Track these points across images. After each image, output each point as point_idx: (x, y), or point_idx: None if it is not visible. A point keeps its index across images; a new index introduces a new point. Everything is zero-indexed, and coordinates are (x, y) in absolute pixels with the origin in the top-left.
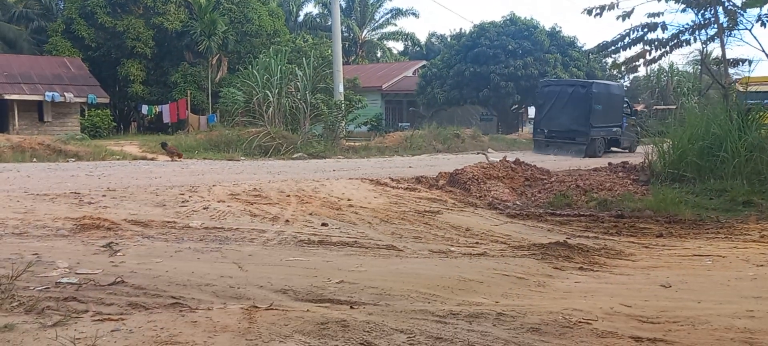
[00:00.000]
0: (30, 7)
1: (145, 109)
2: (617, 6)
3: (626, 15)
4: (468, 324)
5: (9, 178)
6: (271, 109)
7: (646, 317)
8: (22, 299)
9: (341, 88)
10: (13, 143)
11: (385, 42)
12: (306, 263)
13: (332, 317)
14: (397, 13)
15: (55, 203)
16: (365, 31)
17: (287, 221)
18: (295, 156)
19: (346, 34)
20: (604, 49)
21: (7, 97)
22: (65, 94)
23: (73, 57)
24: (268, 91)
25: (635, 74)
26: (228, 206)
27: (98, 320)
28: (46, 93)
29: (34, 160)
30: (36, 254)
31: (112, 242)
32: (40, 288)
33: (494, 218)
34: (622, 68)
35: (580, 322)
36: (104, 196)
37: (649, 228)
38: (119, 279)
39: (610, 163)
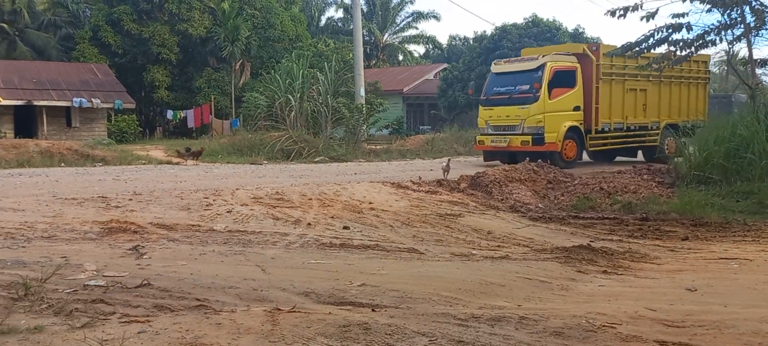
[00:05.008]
0: (58, 15)
1: (170, 114)
2: (641, 7)
3: (650, 16)
4: (490, 328)
5: (38, 182)
6: (293, 113)
7: (671, 321)
8: (51, 301)
9: (362, 92)
10: (42, 148)
11: (406, 45)
12: (328, 265)
13: (354, 320)
14: (419, 16)
15: (82, 207)
16: (386, 35)
17: (309, 224)
18: (316, 160)
19: (367, 38)
20: (628, 49)
21: (36, 103)
22: (92, 99)
23: (100, 63)
24: (290, 96)
25: None
26: (251, 210)
27: (125, 322)
28: (74, 99)
29: (63, 164)
30: (64, 256)
31: (138, 245)
32: (68, 290)
33: (516, 221)
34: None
35: (603, 326)
36: (130, 200)
37: (675, 231)
38: (145, 282)
39: (634, 166)
